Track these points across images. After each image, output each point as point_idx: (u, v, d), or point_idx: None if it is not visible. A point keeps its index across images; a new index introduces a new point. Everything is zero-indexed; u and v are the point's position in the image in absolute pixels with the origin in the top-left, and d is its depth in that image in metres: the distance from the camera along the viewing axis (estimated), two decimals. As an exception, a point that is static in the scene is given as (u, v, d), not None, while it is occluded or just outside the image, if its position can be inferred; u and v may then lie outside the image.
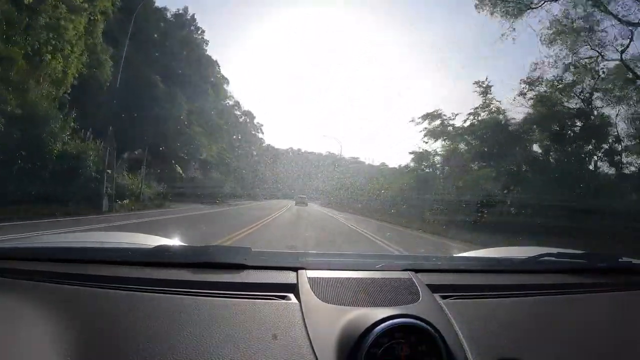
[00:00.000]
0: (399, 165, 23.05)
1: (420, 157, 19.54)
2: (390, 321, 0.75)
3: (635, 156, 14.16)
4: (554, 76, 14.88)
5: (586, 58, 14.18)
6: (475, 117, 17.30)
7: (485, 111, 17.10)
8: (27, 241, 1.54)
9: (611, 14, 12.86)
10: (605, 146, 14.57)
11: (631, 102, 13.86)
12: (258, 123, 43.09)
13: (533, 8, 14.14)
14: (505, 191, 13.40)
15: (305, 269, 1.01)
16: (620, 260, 1.28)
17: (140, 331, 0.77)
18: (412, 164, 20.28)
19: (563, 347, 0.86)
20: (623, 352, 0.88)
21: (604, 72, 14.09)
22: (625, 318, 1.04)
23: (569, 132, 14.88)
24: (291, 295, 0.91)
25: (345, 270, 1.06)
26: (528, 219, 11.07)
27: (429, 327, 0.75)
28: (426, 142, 18.98)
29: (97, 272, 0.99)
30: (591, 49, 13.89)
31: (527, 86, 15.59)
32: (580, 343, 0.89)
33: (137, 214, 12.58)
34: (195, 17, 28.67)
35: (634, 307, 1.11)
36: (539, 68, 15.15)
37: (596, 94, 14.60)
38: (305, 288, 0.93)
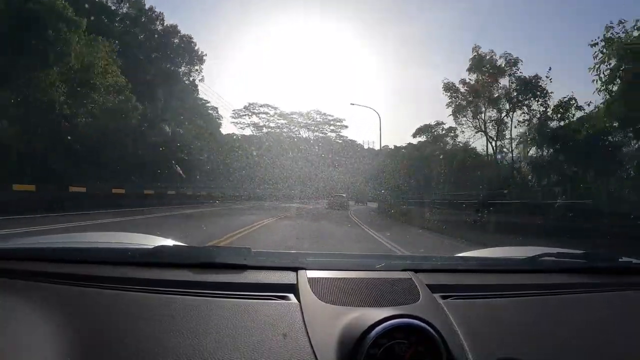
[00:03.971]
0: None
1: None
2: (390, 321, 0.74)
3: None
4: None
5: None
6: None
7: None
8: (27, 241, 1.53)
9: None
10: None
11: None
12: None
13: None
14: None
15: (305, 269, 1.01)
16: (620, 260, 1.28)
17: (140, 331, 0.77)
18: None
19: (563, 347, 0.86)
20: (623, 352, 0.88)
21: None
22: (625, 318, 1.04)
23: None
24: (291, 296, 0.91)
25: (345, 270, 1.06)
26: None
27: (428, 328, 0.75)
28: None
29: (97, 272, 0.99)
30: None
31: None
32: (580, 343, 0.89)
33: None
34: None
35: (634, 307, 1.11)
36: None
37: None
38: (305, 288, 0.93)
